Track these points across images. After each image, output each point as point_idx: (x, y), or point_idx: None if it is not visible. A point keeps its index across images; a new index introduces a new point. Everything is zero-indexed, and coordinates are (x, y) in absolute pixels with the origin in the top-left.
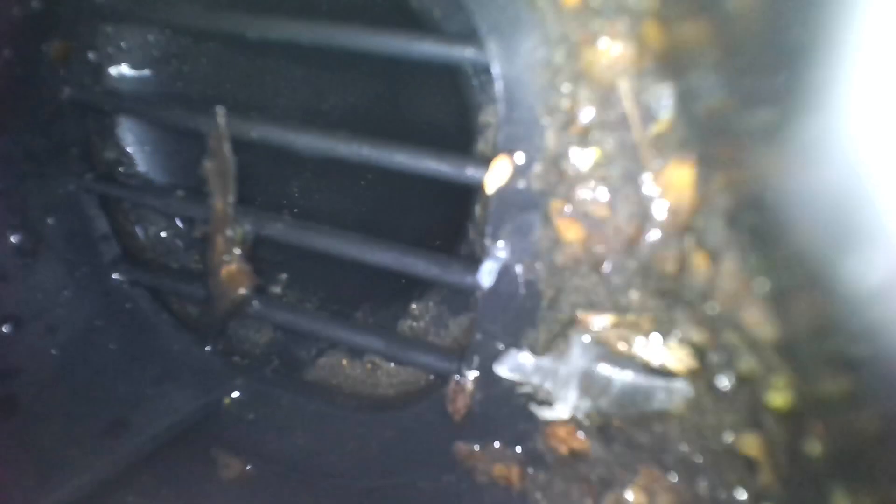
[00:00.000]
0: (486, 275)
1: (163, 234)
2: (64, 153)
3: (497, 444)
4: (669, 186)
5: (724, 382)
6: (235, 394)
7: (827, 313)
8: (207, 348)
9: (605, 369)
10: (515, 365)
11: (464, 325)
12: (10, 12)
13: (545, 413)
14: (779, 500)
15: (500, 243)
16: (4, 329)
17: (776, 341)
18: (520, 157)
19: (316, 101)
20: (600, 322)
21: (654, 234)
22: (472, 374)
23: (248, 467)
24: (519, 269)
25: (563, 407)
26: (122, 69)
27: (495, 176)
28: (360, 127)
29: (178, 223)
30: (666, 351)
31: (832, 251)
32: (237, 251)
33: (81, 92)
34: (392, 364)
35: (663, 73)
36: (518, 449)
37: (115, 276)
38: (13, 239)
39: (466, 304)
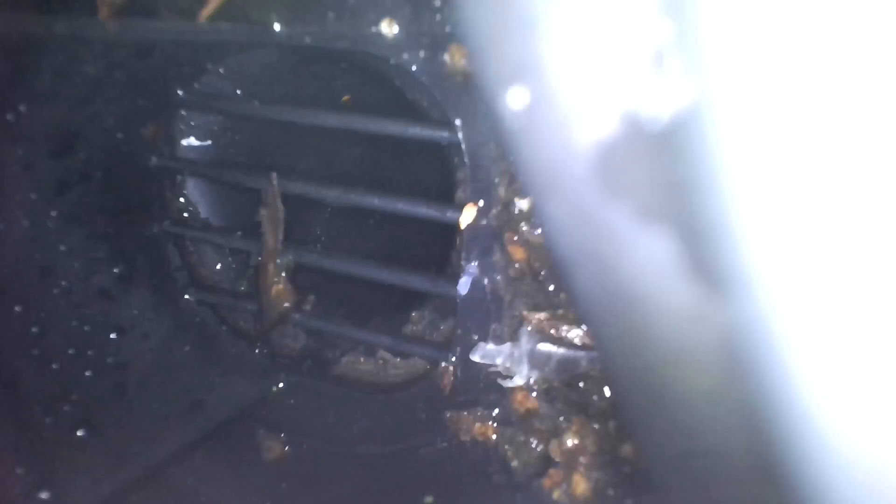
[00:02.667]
0: (463, 286)
1: (217, 267)
2: (149, 205)
3: (478, 411)
4: None
5: None
6: (280, 385)
7: None
8: (256, 351)
9: (545, 347)
10: (485, 352)
11: (450, 327)
12: (125, 107)
13: (508, 383)
14: None
15: (472, 263)
16: (112, 335)
17: None
18: (482, 204)
19: (331, 164)
20: (539, 316)
21: None
22: (455, 360)
23: (286, 448)
24: (485, 281)
25: (520, 378)
26: (191, 140)
27: (467, 216)
28: (370, 185)
29: (228, 260)
30: (583, 332)
31: None
32: (283, 274)
33: (163, 160)
34: (398, 359)
35: None
36: (495, 412)
37: (186, 296)
38: (115, 270)
39: (452, 312)
